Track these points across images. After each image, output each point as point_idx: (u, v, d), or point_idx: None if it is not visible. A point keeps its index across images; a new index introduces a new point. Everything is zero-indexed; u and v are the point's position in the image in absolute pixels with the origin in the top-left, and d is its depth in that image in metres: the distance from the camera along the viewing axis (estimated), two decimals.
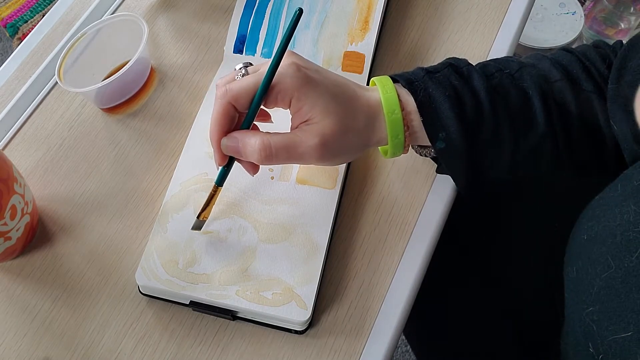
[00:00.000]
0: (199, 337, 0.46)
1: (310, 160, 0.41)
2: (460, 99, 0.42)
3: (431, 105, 0.41)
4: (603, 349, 0.33)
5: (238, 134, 0.42)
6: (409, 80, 0.43)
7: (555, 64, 0.44)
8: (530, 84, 0.43)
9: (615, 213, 0.35)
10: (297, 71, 0.40)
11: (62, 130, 0.57)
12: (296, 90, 0.40)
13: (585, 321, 0.35)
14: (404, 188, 0.51)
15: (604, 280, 0.34)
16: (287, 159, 0.41)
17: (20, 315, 0.48)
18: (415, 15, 0.60)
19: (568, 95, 0.42)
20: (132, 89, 0.57)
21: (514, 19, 0.59)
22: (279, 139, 0.41)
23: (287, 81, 0.40)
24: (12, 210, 0.46)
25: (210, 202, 0.46)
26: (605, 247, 0.35)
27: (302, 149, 0.40)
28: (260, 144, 0.40)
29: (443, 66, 0.43)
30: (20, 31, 1.09)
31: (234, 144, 0.42)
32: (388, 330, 0.45)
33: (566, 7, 1.17)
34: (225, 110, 0.41)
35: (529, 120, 0.42)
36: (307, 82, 0.40)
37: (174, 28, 0.63)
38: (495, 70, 0.44)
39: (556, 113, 0.42)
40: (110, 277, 0.49)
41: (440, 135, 0.42)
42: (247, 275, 0.46)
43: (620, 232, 0.34)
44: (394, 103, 0.42)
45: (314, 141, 0.40)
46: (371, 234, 0.49)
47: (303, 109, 0.40)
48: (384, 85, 0.43)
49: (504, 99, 0.42)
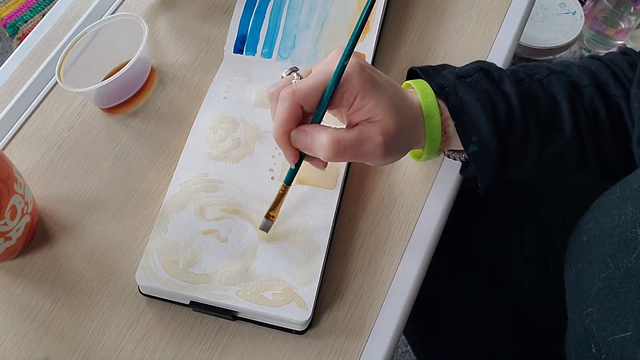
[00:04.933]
0: (199, 338, 0.46)
1: (374, 157, 0.41)
2: (492, 103, 0.42)
3: (463, 110, 0.42)
4: (604, 349, 0.33)
5: (308, 127, 0.41)
6: (440, 85, 0.43)
7: (583, 70, 0.44)
8: (559, 90, 0.43)
9: (614, 214, 0.35)
10: (362, 71, 0.40)
11: (62, 130, 0.57)
12: (361, 89, 0.40)
13: (585, 322, 0.35)
14: (404, 188, 0.51)
15: (603, 281, 0.34)
16: (353, 156, 0.41)
17: (20, 315, 0.48)
18: (416, 15, 0.60)
19: (597, 100, 0.43)
20: (132, 89, 0.57)
21: (514, 19, 0.59)
22: (348, 135, 0.40)
23: (354, 80, 0.40)
24: (12, 210, 0.46)
25: (279, 202, 0.46)
26: (603, 248, 0.35)
27: (368, 147, 0.41)
28: (330, 140, 0.40)
29: (474, 70, 0.44)
30: (20, 31, 1.09)
31: (303, 138, 0.41)
32: (388, 330, 0.45)
33: (566, 7, 1.17)
34: (293, 111, 0.40)
35: (557, 125, 0.43)
36: (371, 81, 0.40)
37: (174, 28, 0.63)
38: (525, 75, 0.44)
39: (584, 119, 0.43)
40: (110, 277, 0.49)
41: (473, 139, 0.42)
42: (248, 276, 0.46)
43: (618, 232, 0.34)
44: (433, 108, 0.42)
45: (379, 139, 0.40)
46: (371, 234, 0.49)
47: (366, 107, 0.40)
48: (422, 90, 0.43)
49: (533, 104, 0.43)
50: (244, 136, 0.52)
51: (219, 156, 0.51)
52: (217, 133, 0.53)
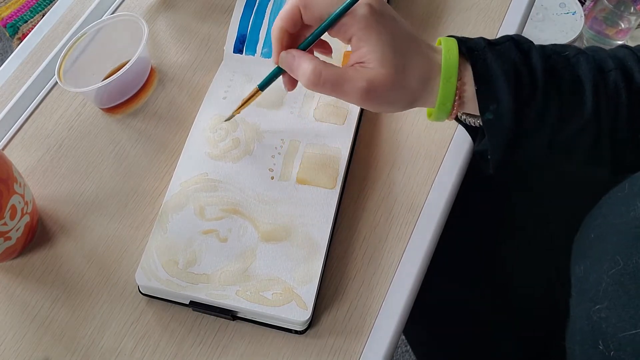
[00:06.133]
0: (199, 337, 0.46)
1: (352, 99, 0.42)
2: (517, 75, 0.41)
3: (487, 75, 0.41)
4: (614, 346, 0.33)
5: (296, 52, 0.43)
6: (470, 48, 0.42)
7: (611, 55, 0.44)
8: (585, 71, 0.42)
9: (622, 211, 0.35)
10: (368, 13, 0.40)
11: (62, 130, 0.57)
12: (359, 30, 0.40)
13: (594, 319, 0.35)
14: (404, 188, 0.51)
15: (612, 277, 0.34)
16: (331, 91, 0.42)
17: (20, 315, 0.48)
18: (416, 15, 0.60)
19: (620, 84, 0.42)
20: (132, 89, 0.57)
21: (514, 18, 0.59)
22: (331, 71, 0.41)
23: (357, 17, 0.40)
24: (12, 210, 0.46)
25: (246, 102, 0.48)
26: (612, 245, 0.35)
27: (347, 87, 0.41)
28: (312, 69, 0.41)
29: (504, 39, 0.44)
30: (20, 31, 1.09)
31: (290, 60, 0.43)
32: (388, 330, 0.45)
33: (566, 7, 1.17)
34: (292, 11, 0.42)
35: (578, 105, 0.42)
36: (372, 26, 0.40)
37: (174, 28, 0.63)
38: (553, 52, 0.43)
39: (604, 101, 0.42)
40: (110, 277, 0.49)
41: (491, 107, 0.41)
42: (247, 275, 0.46)
43: (627, 229, 0.34)
44: (453, 69, 0.42)
45: (361, 84, 0.40)
46: (371, 234, 0.49)
47: (362, 50, 0.41)
48: (448, 50, 0.42)
49: (557, 80, 0.42)
50: (243, 136, 0.52)
51: (218, 156, 0.51)
52: (216, 133, 0.53)
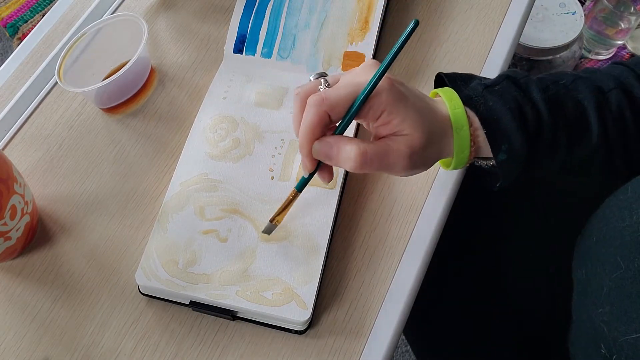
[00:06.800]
0: (199, 337, 0.46)
1: (398, 169, 0.42)
2: (521, 111, 0.42)
3: (493, 118, 0.42)
4: (616, 350, 0.33)
5: (332, 139, 0.41)
6: (468, 96, 0.43)
7: (607, 75, 0.44)
8: (586, 95, 0.43)
9: (625, 214, 0.35)
10: (392, 86, 0.40)
11: (62, 130, 0.57)
12: (389, 105, 0.40)
13: (596, 322, 0.35)
14: (404, 188, 0.51)
15: (614, 281, 0.34)
16: (378, 167, 0.41)
17: (20, 315, 0.48)
18: (416, 15, 0.60)
19: (623, 102, 0.43)
20: (132, 89, 0.57)
21: (514, 19, 0.59)
22: (374, 146, 0.41)
23: (383, 95, 0.40)
24: (12, 210, 0.46)
25: (286, 207, 0.46)
26: (614, 248, 0.35)
27: (393, 158, 0.41)
28: (357, 151, 0.40)
29: (500, 79, 0.44)
30: (20, 31, 1.09)
31: (327, 149, 0.41)
32: (388, 330, 0.45)
33: (566, 7, 1.17)
34: (320, 118, 0.41)
35: (584, 131, 0.43)
36: (399, 97, 0.41)
37: (174, 28, 0.63)
38: (551, 82, 0.44)
39: (611, 123, 0.43)
40: (110, 277, 0.49)
41: (503, 147, 0.42)
42: (247, 275, 0.46)
43: (629, 232, 0.34)
44: (462, 119, 0.42)
45: (405, 150, 0.41)
46: (371, 234, 0.49)
47: (393, 122, 0.41)
48: (451, 100, 0.43)
49: (561, 110, 0.43)
50: (243, 136, 0.52)
51: (218, 156, 0.51)
52: (216, 133, 0.53)
